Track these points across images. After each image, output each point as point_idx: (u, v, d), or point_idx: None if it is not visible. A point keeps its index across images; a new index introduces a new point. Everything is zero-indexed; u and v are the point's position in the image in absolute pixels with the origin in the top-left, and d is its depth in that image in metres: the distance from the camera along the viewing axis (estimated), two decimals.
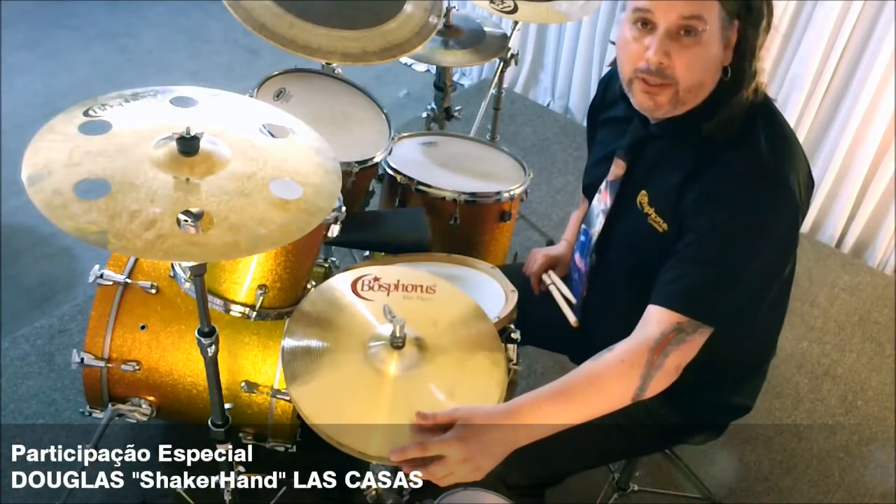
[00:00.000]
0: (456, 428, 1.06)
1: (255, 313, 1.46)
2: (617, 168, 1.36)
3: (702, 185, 1.21)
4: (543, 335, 1.65)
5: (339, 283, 1.34)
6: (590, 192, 1.47)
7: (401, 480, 1.33)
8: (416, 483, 1.32)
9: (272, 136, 1.22)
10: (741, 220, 1.17)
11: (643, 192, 1.31)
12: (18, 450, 1.92)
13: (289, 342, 1.22)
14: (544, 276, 1.64)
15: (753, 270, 1.20)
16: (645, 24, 1.19)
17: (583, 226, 1.46)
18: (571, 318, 1.52)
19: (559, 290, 1.58)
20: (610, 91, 1.45)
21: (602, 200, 1.40)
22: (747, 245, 1.18)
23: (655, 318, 1.19)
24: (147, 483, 1.89)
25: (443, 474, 1.05)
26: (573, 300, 1.55)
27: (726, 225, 1.18)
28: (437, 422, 1.08)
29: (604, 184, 1.39)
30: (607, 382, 1.17)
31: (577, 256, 1.51)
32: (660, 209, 1.28)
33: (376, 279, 1.35)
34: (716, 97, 1.22)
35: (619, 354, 1.17)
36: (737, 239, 1.18)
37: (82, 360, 1.62)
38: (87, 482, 1.87)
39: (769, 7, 1.19)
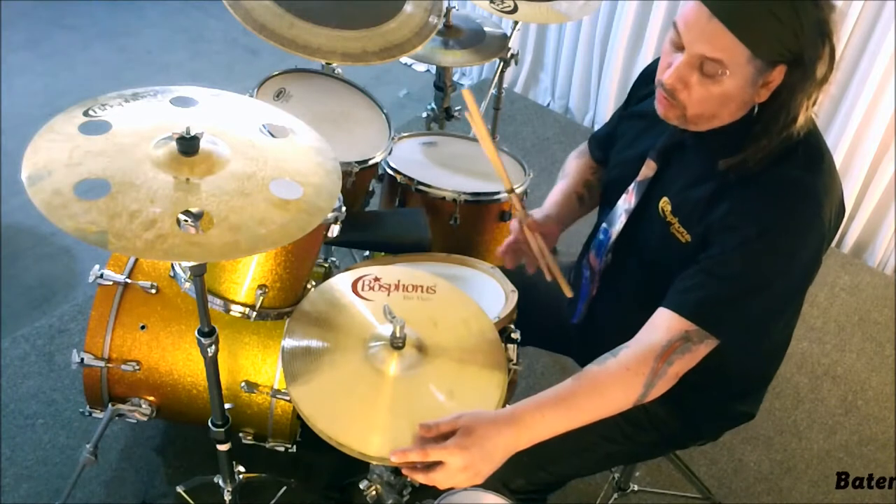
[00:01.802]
0: (458, 435, 1.06)
1: (255, 313, 1.46)
2: (647, 169, 1.34)
3: (734, 199, 1.19)
4: (544, 335, 1.65)
5: (340, 283, 1.34)
6: (611, 188, 1.44)
7: (401, 478, 1.34)
8: (415, 482, 1.32)
9: (272, 136, 1.22)
10: (769, 241, 1.15)
11: (665, 198, 1.29)
12: (18, 449, 1.93)
13: (289, 342, 1.22)
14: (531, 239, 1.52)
15: (772, 292, 1.19)
16: (677, 41, 1.16)
17: (603, 225, 1.44)
18: (555, 280, 1.48)
19: (538, 245, 1.49)
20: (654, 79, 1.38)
21: (627, 200, 1.38)
22: (771, 267, 1.17)
23: (665, 324, 1.18)
24: (147, 483, 1.89)
25: (443, 479, 1.05)
26: (549, 256, 1.49)
27: (753, 244, 1.16)
28: (441, 431, 1.07)
29: (632, 184, 1.37)
30: (611, 390, 1.17)
31: (591, 254, 1.48)
32: (684, 220, 1.26)
33: (377, 279, 1.35)
34: (747, 126, 1.19)
35: (624, 362, 1.17)
36: (762, 259, 1.16)
37: (82, 360, 1.62)
38: (88, 481, 1.88)
39: (831, 62, 1.12)
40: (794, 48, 1.09)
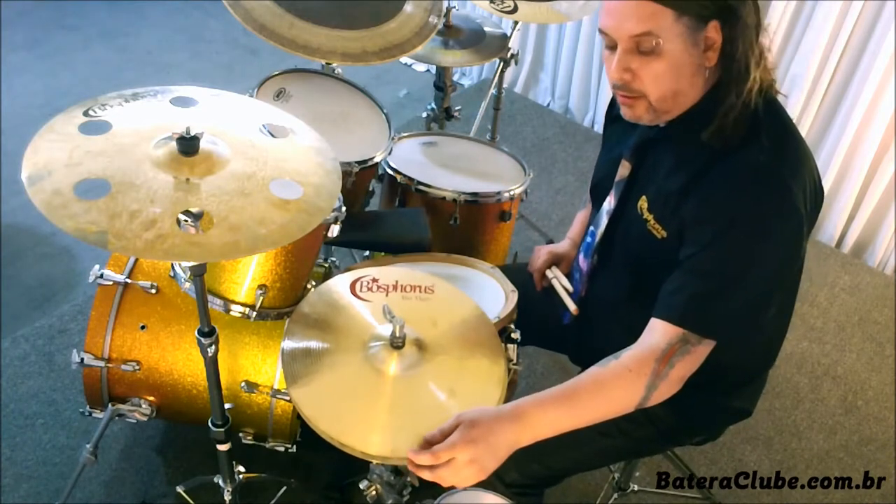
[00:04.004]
0: (462, 429, 1.06)
1: (255, 313, 1.46)
2: (623, 169, 1.36)
3: (703, 191, 1.20)
4: (543, 335, 1.65)
5: (338, 285, 1.34)
6: (596, 191, 1.47)
7: (401, 478, 1.34)
8: (415, 482, 1.33)
9: (272, 136, 1.22)
10: (740, 229, 1.16)
11: (644, 197, 1.31)
12: (18, 449, 1.93)
13: (288, 344, 1.22)
14: (547, 272, 1.65)
15: (754, 279, 1.19)
16: (608, 42, 1.20)
17: (590, 227, 1.47)
18: (572, 307, 1.53)
19: (560, 283, 1.60)
20: None
21: (609, 202, 1.40)
22: (747, 254, 1.17)
23: (660, 330, 1.19)
24: (147, 483, 1.89)
25: (449, 476, 1.05)
26: (570, 288, 1.57)
27: (725, 234, 1.17)
28: (444, 435, 1.07)
29: (613, 186, 1.39)
30: (613, 390, 1.17)
31: (580, 257, 1.51)
32: (658, 216, 1.28)
33: (374, 280, 1.35)
34: (713, 99, 1.21)
35: (626, 363, 1.17)
36: (736, 248, 1.17)
37: (82, 360, 1.62)
38: (88, 481, 1.88)
39: (755, 5, 1.17)
40: None
